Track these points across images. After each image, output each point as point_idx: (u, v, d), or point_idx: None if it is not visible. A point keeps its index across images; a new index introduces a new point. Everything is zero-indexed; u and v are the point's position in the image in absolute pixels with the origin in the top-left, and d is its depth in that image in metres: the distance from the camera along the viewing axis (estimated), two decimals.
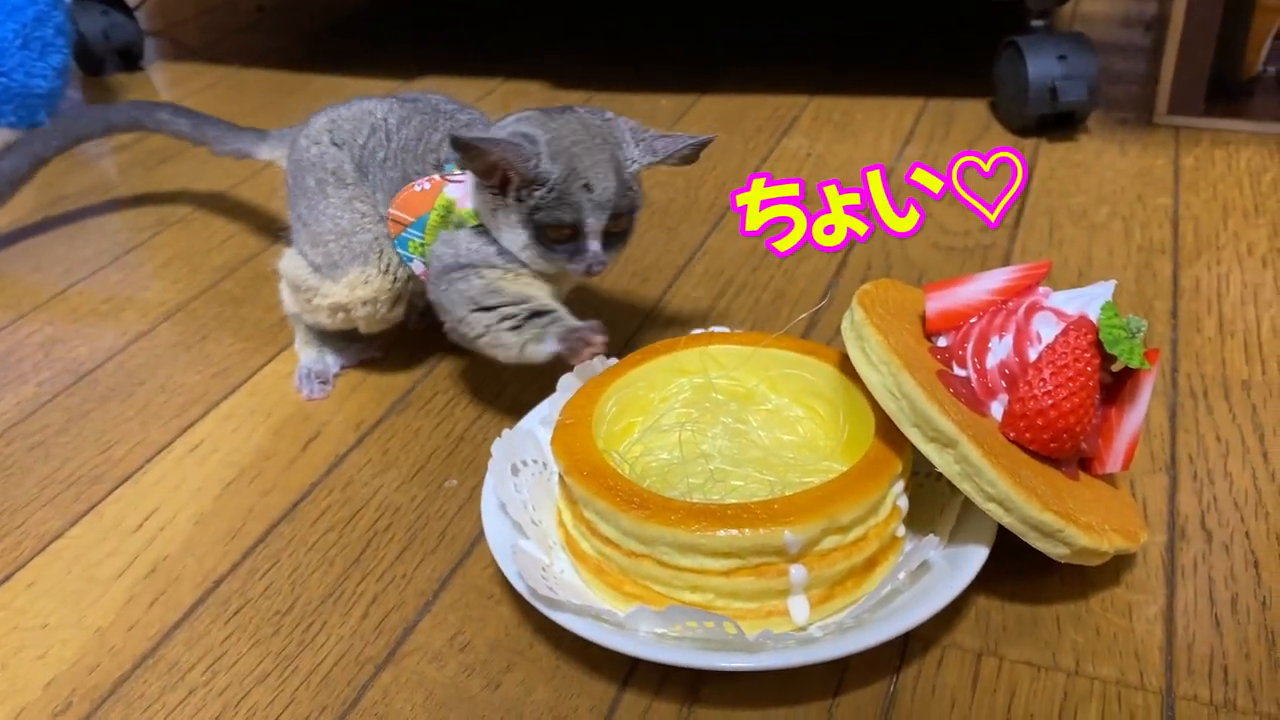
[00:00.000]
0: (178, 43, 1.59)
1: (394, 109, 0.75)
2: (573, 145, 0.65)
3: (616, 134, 0.67)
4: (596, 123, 0.67)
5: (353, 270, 0.73)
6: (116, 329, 0.88)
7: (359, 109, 0.76)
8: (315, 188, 0.75)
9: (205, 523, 0.67)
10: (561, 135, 0.65)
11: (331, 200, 0.74)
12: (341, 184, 0.74)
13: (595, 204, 0.65)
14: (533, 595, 0.54)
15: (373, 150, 0.74)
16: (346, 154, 0.75)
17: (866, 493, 0.54)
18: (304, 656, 0.57)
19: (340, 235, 0.73)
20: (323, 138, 0.76)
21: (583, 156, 0.65)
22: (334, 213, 0.74)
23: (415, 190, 0.71)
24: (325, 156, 0.75)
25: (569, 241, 0.67)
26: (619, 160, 0.66)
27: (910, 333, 0.59)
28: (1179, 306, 0.81)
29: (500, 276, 0.69)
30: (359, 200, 0.74)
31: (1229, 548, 0.60)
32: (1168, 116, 1.09)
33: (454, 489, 0.68)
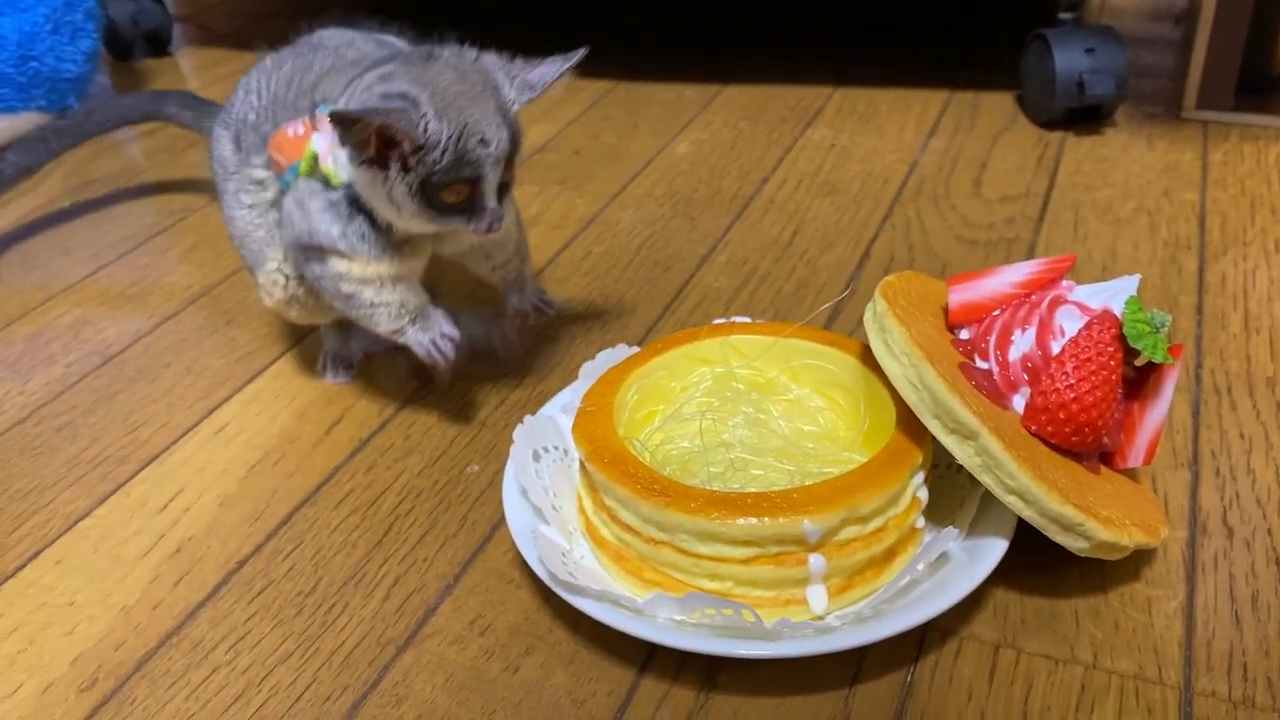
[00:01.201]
0: (205, 28, 1.59)
1: (272, 60, 0.71)
2: (457, 98, 0.60)
3: (492, 77, 0.62)
4: (468, 68, 0.62)
5: (259, 273, 0.71)
6: (143, 312, 0.89)
7: (252, 77, 0.71)
8: (216, 183, 0.72)
9: (230, 504, 0.68)
10: (442, 89, 0.60)
11: (225, 198, 0.71)
12: (226, 174, 0.70)
13: (492, 158, 0.61)
14: (553, 580, 0.55)
15: (244, 115, 0.69)
16: (227, 133, 0.70)
17: (886, 483, 0.54)
18: (326, 637, 0.58)
19: (240, 238, 0.71)
20: (215, 123, 0.72)
21: (470, 109, 0.60)
22: (230, 210, 0.71)
23: (288, 134, 0.65)
24: (213, 144, 0.72)
25: (464, 201, 0.62)
26: (502, 104, 0.62)
27: (933, 325, 0.59)
28: (1204, 302, 0.81)
29: (353, 276, 0.66)
30: (243, 191, 0.69)
31: (1250, 544, 0.60)
32: (1196, 111, 1.08)
33: (476, 474, 0.69)
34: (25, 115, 1.17)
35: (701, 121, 1.17)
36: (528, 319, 0.78)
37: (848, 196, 0.99)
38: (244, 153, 0.69)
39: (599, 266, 0.91)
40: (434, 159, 0.60)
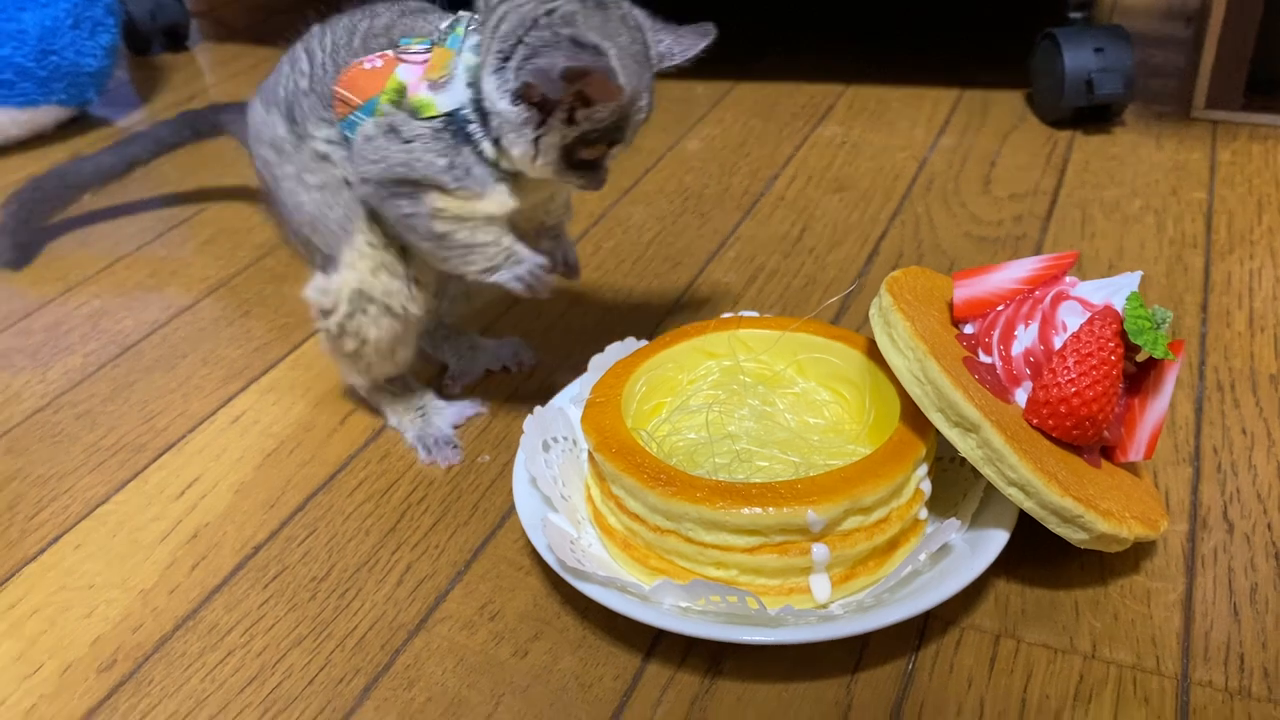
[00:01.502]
0: (222, 24, 1.61)
1: (312, 34, 0.68)
2: (633, 59, 0.58)
3: (646, 34, 0.60)
4: (633, 24, 0.59)
5: (344, 252, 0.66)
6: (161, 303, 0.90)
7: (282, 59, 0.69)
8: (265, 172, 0.68)
9: (245, 491, 0.69)
10: (624, 47, 0.57)
11: (284, 185, 0.67)
12: (284, 157, 0.66)
13: (638, 123, 0.60)
14: (561, 567, 0.56)
15: (294, 85, 0.66)
16: (276, 113, 0.67)
17: (889, 475, 0.55)
18: (339, 621, 0.59)
19: (313, 224, 0.66)
20: (256, 104, 0.68)
21: (640, 72, 0.58)
22: (292, 200, 0.67)
23: (364, 68, 0.62)
24: (260, 128, 0.68)
25: (598, 158, 0.61)
26: (652, 70, 0.60)
27: (937, 319, 0.60)
28: (1209, 300, 0.81)
29: (451, 213, 0.61)
30: (307, 171, 0.66)
31: (1250, 538, 0.61)
32: (1205, 110, 1.09)
33: (487, 464, 0.70)
34: (45, 108, 1.19)
35: (713, 118, 1.18)
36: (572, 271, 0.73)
37: (857, 193, 1.00)
38: (300, 124, 0.65)
39: (609, 261, 0.92)
40: (600, 117, 0.58)
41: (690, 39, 0.62)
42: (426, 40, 0.62)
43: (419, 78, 0.61)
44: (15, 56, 1.13)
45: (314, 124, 0.65)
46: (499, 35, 0.58)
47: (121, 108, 1.32)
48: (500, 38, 0.58)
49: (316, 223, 0.66)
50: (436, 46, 0.62)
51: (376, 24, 0.65)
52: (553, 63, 0.55)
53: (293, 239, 0.69)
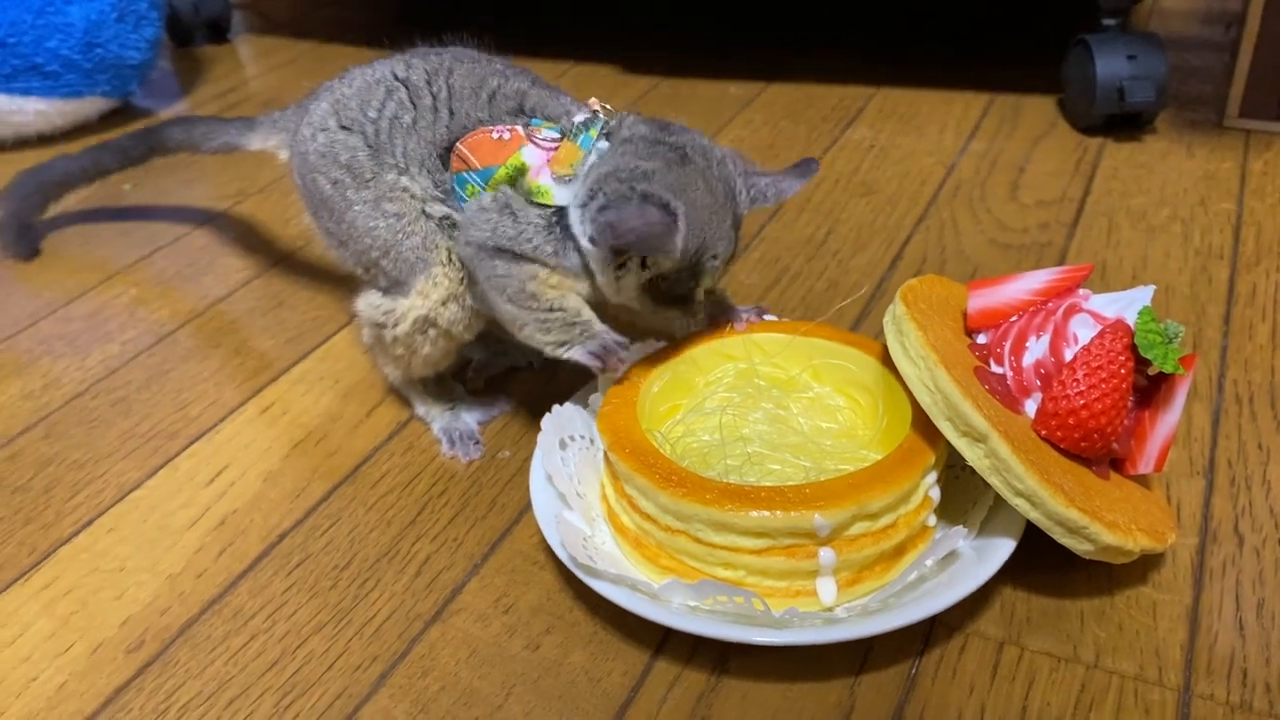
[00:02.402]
0: (265, 16, 1.64)
1: (413, 67, 0.68)
2: (706, 213, 0.61)
3: (731, 184, 0.63)
4: (714, 175, 0.62)
5: (417, 279, 0.67)
6: (197, 293, 0.93)
7: (364, 78, 0.69)
8: (333, 193, 0.68)
9: (273, 480, 0.71)
10: (695, 203, 0.60)
11: (355, 208, 0.67)
12: (360, 182, 0.67)
13: (716, 269, 0.63)
14: (573, 563, 0.57)
15: (392, 117, 0.67)
16: (358, 137, 0.67)
17: (897, 482, 0.55)
18: (358, 610, 0.61)
19: (385, 249, 0.67)
20: (329, 122, 0.68)
21: (713, 225, 0.61)
22: (364, 224, 0.67)
23: (492, 137, 0.64)
24: (335, 146, 0.67)
25: (681, 299, 0.64)
26: (736, 217, 0.63)
27: (951, 329, 0.60)
28: (1232, 312, 0.81)
29: (544, 280, 0.63)
30: (386, 199, 0.66)
31: (1260, 553, 0.61)
32: (1239, 120, 1.08)
33: (507, 460, 0.71)
34: (89, 99, 1.22)
35: (743, 119, 1.19)
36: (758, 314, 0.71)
37: (883, 197, 1.01)
38: (394, 158, 0.66)
39: None
40: (670, 266, 0.61)
41: (788, 180, 0.65)
42: (557, 128, 0.65)
43: (543, 164, 0.63)
44: (61, 49, 1.16)
45: (417, 169, 0.66)
46: (592, 176, 0.61)
47: (164, 99, 1.35)
48: (592, 180, 0.61)
49: (389, 249, 0.67)
50: (566, 139, 0.64)
51: (508, 87, 0.67)
52: (610, 222, 0.58)
53: (349, 257, 0.70)
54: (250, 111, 1.29)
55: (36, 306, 0.92)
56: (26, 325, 0.89)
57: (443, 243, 0.67)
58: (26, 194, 0.97)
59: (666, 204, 0.59)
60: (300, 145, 0.70)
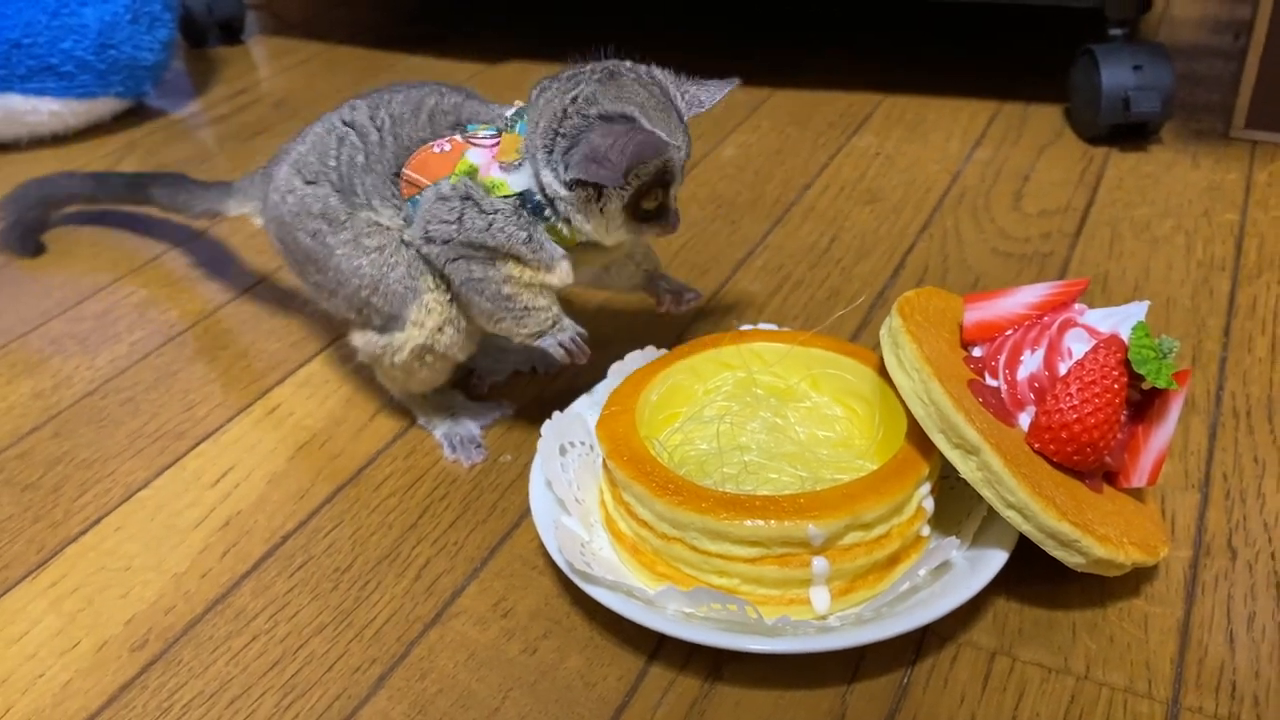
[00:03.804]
0: (279, 17, 1.65)
1: (357, 108, 0.70)
2: (657, 113, 0.63)
3: (665, 87, 0.65)
4: (646, 79, 0.64)
5: (410, 310, 0.68)
6: (206, 295, 0.94)
7: (315, 133, 0.71)
8: (314, 244, 0.69)
9: (277, 482, 0.72)
10: (648, 108, 0.63)
11: (338, 252, 0.68)
12: (337, 225, 0.68)
13: (681, 168, 0.65)
14: (570, 569, 0.58)
15: (349, 160, 0.69)
16: (325, 187, 0.69)
17: (891, 493, 0.56)
18: (359, 612, 0.62)
19: (373, 286, 0.68)
20: (294, 182, 0.70)
21: (668, 123, 0.63)
22: (348, 265, 0.68)
23: (434, 152, 0.66)
24: (306, 201, 0.69)
25: (657, 208, 0.65)
26: (680, 115, 0.65)
27: (947, 341, 0.61)
28: (1232, 325, 0.82)
29: (519, 280, 0.66)
30: (364, 236, 0.68)
31: (1253, 567, 0.61)
32: (1245, 130, 1.08)
33: (508, 464, 0.72)
34: (103, 100, 1.23)
35: (749, 125, 1.20)
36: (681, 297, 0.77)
37: (888, 205, 1.01)
38: (360, 197, 0.68)
39: None
40: (648, 171, 0.63)
41: (716, 88, 0.67)
42: (492, 127, 0.67)
43: (489, 160, 0.65)
44: (75, 50, 1.17)
45: (379, 202, 0.68)
46: (540, 131, 0.64)
47: (177, 99, 1.36)
48: (541, 133, 0.63)
49: (378, 284, 0.68)
50: (505, 133, 0.66)
51: (444, 103, 0.69)
52: (586, 154, 0.61)
53: (341, 305, 0.71)
54: (264, 112, 1.31)
55: (48, 306, 0.93)
56: (38, 324, 0.91)
57: (427, 269, 0.68)
58: (29, 205, 0.99)
59: (622, 113, 0.62)
60: (272, 210, 0.72)
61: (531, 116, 0.65)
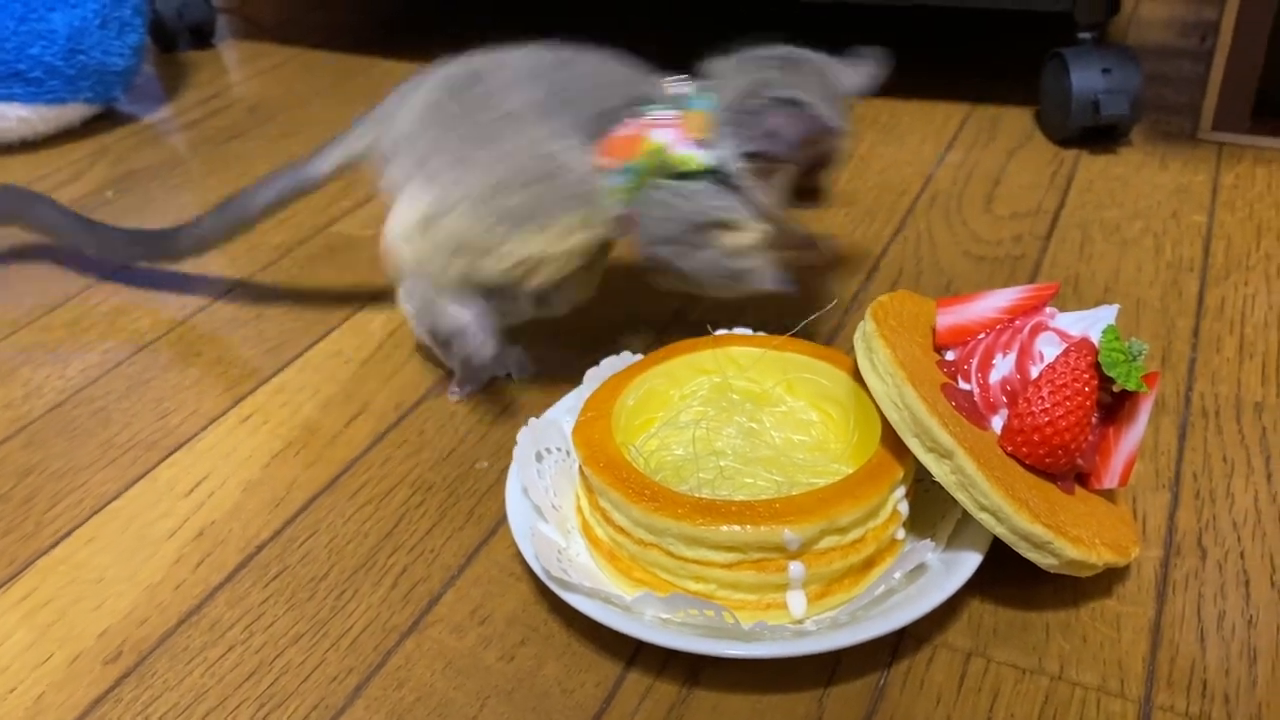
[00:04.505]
0: (251, 21, 1.64)
1: (552, 52, 0.74)
2: (825, 100, 0.70)
3: (827, 74, 0.72)
4: (815, 67, 0.72)
5: (560, 218, 0.70)
6: (178, 302, 0.93)
7: (523, 53, 0.74)
8: (488, 125, 0.70)
9: (252, 490, 0.72)
10: (813, 90, 0.70)
11: (515, 140, 0.70)
12: (535, 119, 0.70)
13: (840, 146, 0.72)
14: (547, 576, 0.58)
15: (564, 84, 0.72)
16: (543, 88, 0.71)
17: (866, 497, 0.56)
18: (335, 621, 0.62)
19: (538, 179, 0.69)
20: (502, 73, 0.72)
21: (833, 108, 0.70)
22: (523, 156, 0.69)
23: (618, 135, 0.70)
24: (506, 90, 0.71)
25: (815, 183, 0.73)
26: (843, 100, 0.72)
27: (919, 345, 0.61)
28: (1201, 325, 0.82)
29: (738, 243, 0.72)
30: (555, 137, 0.70)
31: (1222, 566, 0.62)
32: (1212, 132, 1.10)
33: (484, 470, 0.72)
34: (73, 106, 1.22)
35: None
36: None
37: (862, 209, 1.02)
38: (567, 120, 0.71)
39: (614, 273, 0.94)
40: (814, 151, 0.70)
41: (866, 70, 0.75)
42: (666, 105, 0.72)
43: (677, 136, 0.70)
44: (44, 55, 1.16)
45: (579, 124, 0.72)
46: (726, 110, 0.70)
47: (148, 104, 1.35)
48: (727, 112, 0.70)
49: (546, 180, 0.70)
50: (686, 110, 0.71)
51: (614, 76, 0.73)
52: (777, 128, 0.68)
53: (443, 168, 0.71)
54: (236, 117, 1.30)
55: (17, 315, 0.92)
56: (7, 334, 0.90)
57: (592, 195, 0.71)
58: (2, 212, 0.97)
59: (795, 98, 0.68)
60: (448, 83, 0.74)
61: (719, 97, 0.71)
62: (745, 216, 0.71)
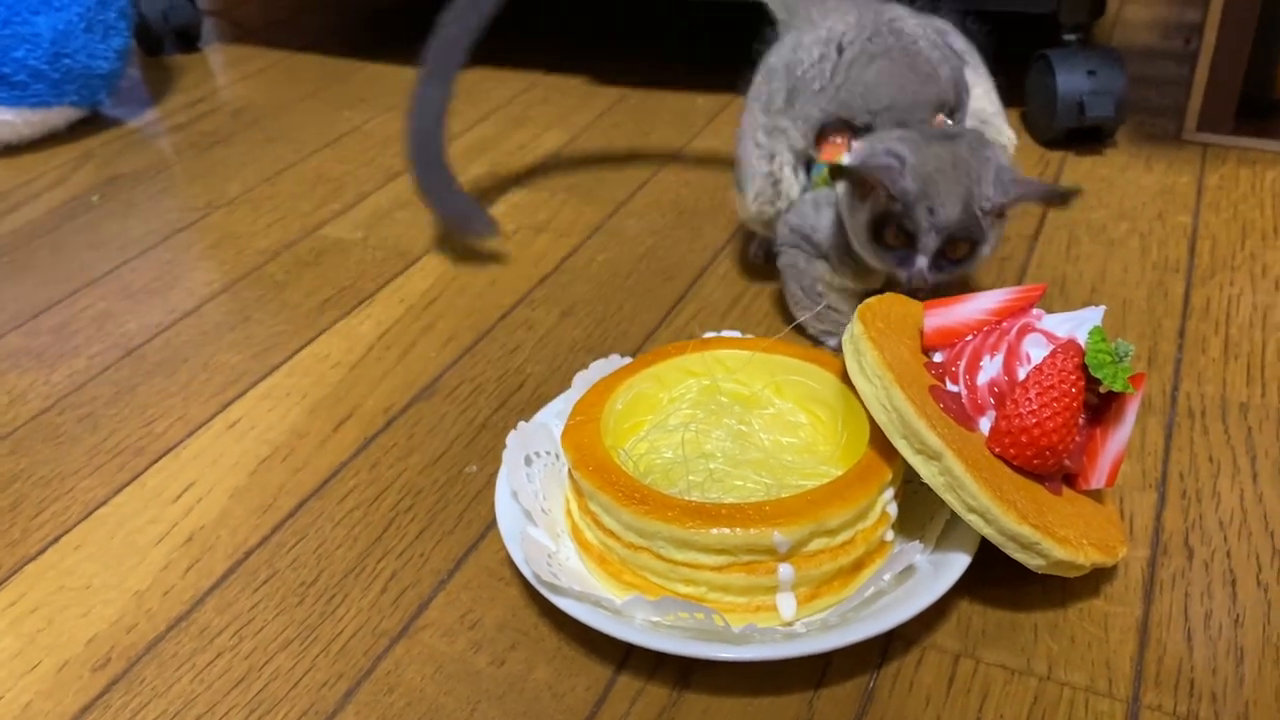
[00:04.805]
0: (237, 24, 1.63)
1: (849, 37, 0.80)
2: (934, 172, 0.71)
3: (981, 170, 0.72)
4: (966, 156, 0.72)
5: (750, 188, 0.84)
6: (165, 307, 0.93)
7: (830, 38, 0.81)
8: (751, 99, 0.85)
9: (239, 496, 0.72)
10: (926, 161, 0.71)
11: (754, 118, 0.83)
12: (765, 109, 0.82)
13: (932, 226, 0.71)
14: (537, 580, 0.58)
15: (809, 79, 0.80)
16: (785, 80, 0.81)
17: (855, 499, 0.56)
18: (325, 626, 0.61)
19: (741, 161, 0.84)
20: (794, 54, 0.81)
21: (938, 183, 0.71)
22: (750, 132, 0.83)
23: (831, 141, 0.79)
24: (773, 74, 0.82)
25: (902, 249, 0.73)
26: (971, 194, 0.71)
27: (908, 347, 0.62)
28: (1187, 326, 0.83)
29: (827, 281, 0.81)
30: (765, 133, 0.82)
31: (1209, 565, 0.62)
32: (1196, 133, 1.10)
33: (473, 475, 0.72)
34: (58, 109, 1.22)
35: (712, 130, 1.20)
36: None
37: None
38: (796, 113, 0.80)
39: (602, 274, 0.94)
40: (893, 204, 0.71)
41: (1036, 184, 0.76)
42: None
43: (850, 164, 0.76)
44: (29, 59, 1.16)
45: (796, 116, 0.81)
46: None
47: (134, 108, 1.35)
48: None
49: (749, 158, 0.84)
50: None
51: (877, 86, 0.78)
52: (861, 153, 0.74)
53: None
54: (222, 121, 1.30)
55: (2, 320, 0.92)
56: None
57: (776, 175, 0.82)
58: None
59: (898, 153, 0.72)
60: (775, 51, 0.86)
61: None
62: (823, 241, 0.79)
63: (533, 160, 1.15)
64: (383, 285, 0.94)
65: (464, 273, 0.95)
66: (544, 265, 0.96)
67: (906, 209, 0.71)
